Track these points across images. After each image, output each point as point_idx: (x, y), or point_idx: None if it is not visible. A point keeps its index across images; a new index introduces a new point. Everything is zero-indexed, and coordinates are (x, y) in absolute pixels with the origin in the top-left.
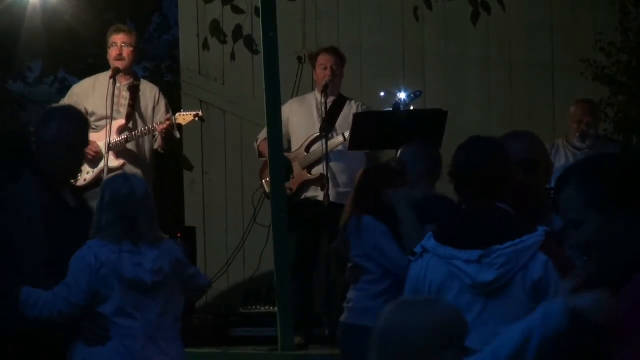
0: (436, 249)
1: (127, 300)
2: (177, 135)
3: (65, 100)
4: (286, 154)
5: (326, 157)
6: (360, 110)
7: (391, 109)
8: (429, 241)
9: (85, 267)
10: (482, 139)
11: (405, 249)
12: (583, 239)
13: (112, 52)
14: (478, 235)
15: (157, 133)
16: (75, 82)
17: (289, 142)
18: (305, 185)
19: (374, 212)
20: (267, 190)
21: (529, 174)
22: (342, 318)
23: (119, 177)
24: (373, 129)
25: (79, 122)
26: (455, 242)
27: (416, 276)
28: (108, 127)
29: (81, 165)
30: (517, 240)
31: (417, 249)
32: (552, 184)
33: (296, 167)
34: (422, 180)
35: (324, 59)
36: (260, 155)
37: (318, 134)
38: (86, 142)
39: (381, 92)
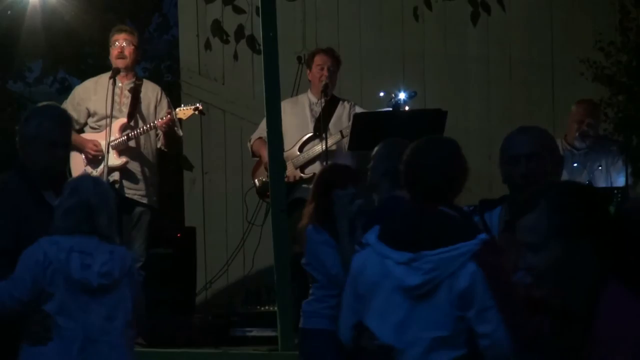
0: (375, 245)
1: (70, 300)
2: (180, 132)
3: (68, 102)
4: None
5: (326, 157)
6: (353, 110)
7: (391, 109)
8: (371, 236)
9: (32, 264)
10: (433, 141)
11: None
12: (540, 264)
13: (114, 51)
14: (412, 237)
15: (159, 131)
16: (75, 82)
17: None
18: (298, 184)
19: (321, 216)
20: (258, 185)
21: (531, 166)
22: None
23: (84, 175)
24: (373, 129)
25: (60, 119)
26: (391, 242)
27: (356, 268)
28: (108, 126)
29: (63, 163)
30: (449, 247)
31: (364, 240)
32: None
33: (289, 167)
34: (384, 180)
35: (321, 59)
36: (254, 155)
37: (312, 134)
38: (68, 140)
39: (381, 92)
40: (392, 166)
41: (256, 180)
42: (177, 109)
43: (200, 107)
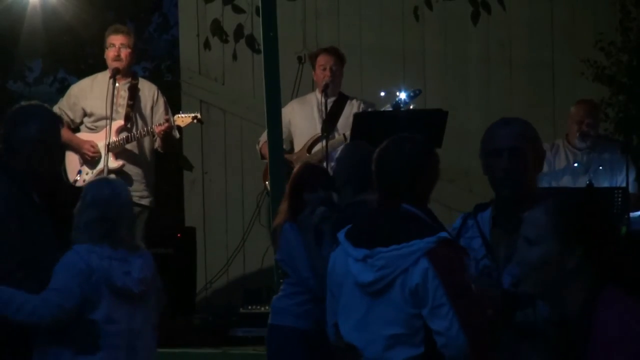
0: (342, 242)
1: (115, 308)
2: (177, 134)
3: (64, 100)
4: (289, 155)
5: (326, 157)
6: (361, 108)
7: (391, 109)
8: (340, 234)
9: (77, 273)
10: (398, 140)
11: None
12: (532, 259)
13: (110, 53)
14: (370, 234)
15: (156, 134)
16: (75, 82)
17: (292, 143)
18: None
19: (292, 218)
20: (270, 189)
21: (512, 161)
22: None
23: (102, 181)
24: (373, 129)
25: (55, 121)
26: (353, 239)
27: (329, 267)
28: (108, 127)
29: (59, 165)
30: (402, 245)
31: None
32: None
33: None
34: (348, 186)
35: (323, 60)
36: (263, 157)
37: (320, 134)
38: (60, 141)
39: (381, 92)
40: (354, 171)
41: (267, 182)
42: (176, 116)
43: (199, 116)
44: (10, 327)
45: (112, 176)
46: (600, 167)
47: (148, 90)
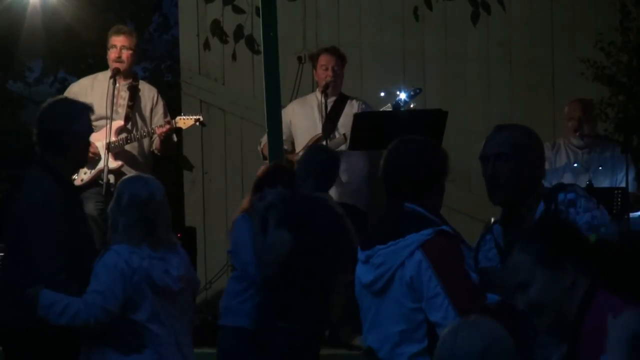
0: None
1: (158, 307)
2: (175, 138)
3: None
4: (290, 155)
5: None
6: (361, 109)
7: (391, 109)
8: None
9: (118, 274)
10: (401, 143)
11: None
12: (533, 300)
13: (111, 54)
14: (372, 236)
15: (155, 136)
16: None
17: (293, 143)
18: None
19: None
20: None
21: (497, 167)
22: None
23: (138, 180)
24: (373, 129)
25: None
26: (362, 243)
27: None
28: (108, 127)
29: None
30: (398, 240)
31: None
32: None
33: None
34: (306, 184)
35: (324, 59)
36: (265, 158)
37: (321, 134)
38: None
39: (381, 92)
40: (313, 170)
41: None
42: (178, 118)
43: (202, 119)
44: (57, 330)
45: (134, 172)
46: (600, 167)
47: (148, 92)
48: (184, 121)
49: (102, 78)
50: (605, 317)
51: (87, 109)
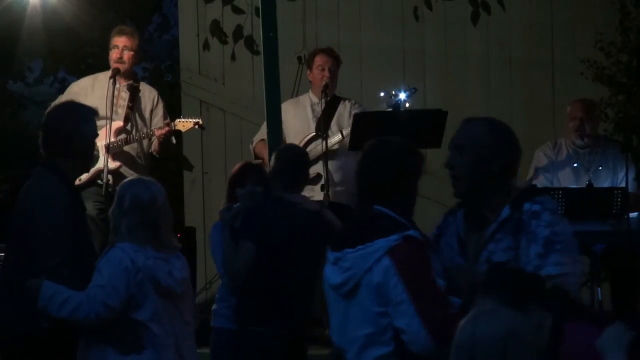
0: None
1: (160, 307)
2: (174, 141)
3: (63, 98)
4: None
5: (325, 157)
6: (354, 109)
7: (391, 109)
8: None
9: (122, 271)
10: (378, 143)
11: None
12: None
13: (113, 55)
14: (342, 238)
15: (154, 137)
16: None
17: (284, 143)
18: None
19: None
20: None
21: (453, 158)
22: None
23: (139, 183)
24: (373, 129)
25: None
26: (332, 244)
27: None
28: (108, 127)
29: None
30: (366, 244)
31: None
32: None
33: None
34: (276, 181)
35: (321, 60)
36: (256, 157)
37: (314, 134)
38: None
39: (381, 92)
40: (279, 170)
41: None
42: (177, 120)
43: (201, 122)
44: (54, 332)
45: (132, 173)
46: (600, 167)
47: (148, 94)
48: (183, 124)
49: (102, 78)
50: (583, 342)
51: (94, 113)
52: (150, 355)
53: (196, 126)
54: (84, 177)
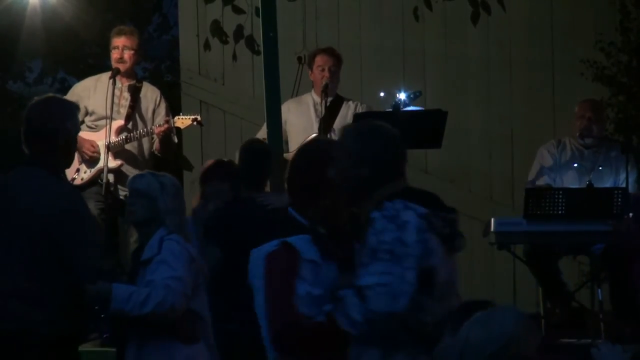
0: None
1: (204, 297)
2: (175, 139)
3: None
4: (284, 155)
5: None
6: (358, 110)
7: (391, 109)
8: None
9: (187, 261)
10: (308, 143)
11: None
12: None
13: (114, 55)
14: (258, 239)
15: (155, 135)
16: (74, 82)
17: (287, 143)
18: None
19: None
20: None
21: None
22: None
23: (170, 176)
24: None
25: None
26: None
27: None
28: (108, 127)
29: None
30: (258, 248)
31: None
32: None
33: None
34: (244, 180)
35: (321, 60)
36: None
37: (316, 134)
38: None
39: (381, 92)
40: (242, 169)
41: None
42: (176, 117)
43: (199, 119)
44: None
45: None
46: (600, 167)
47: (151, 94)
48: (182, 121)
49: (105, 79)
50: None
51: (77, 107)
52: (204, 344)
53: (195, 123)
54: (86, 176)
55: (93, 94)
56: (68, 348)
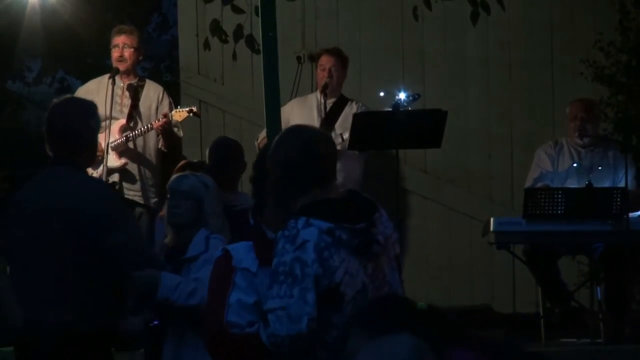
0: None
1: None
2: (180, 133)
3: None
4: None
5: None
6: (361, 111)
7: (391, 109)
8: None
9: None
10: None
11: None
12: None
13: (114, 54)
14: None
15: (157, 131)
16: (74, 82)
17: None
18: None
19: None
20: None
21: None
22: None
23: (208, 179)
24: (373, 129)
25: None
26: None
27: None
28: (110, 126)
29: None
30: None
31: None
32: None
33: None
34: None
35: (323, 60)
36: None
37: None
38: None
39: (381, 92)
40: (211, 169)
41: None
42: (173, 111)
43: (195, 109)
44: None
45: (115, 175)
46: (600, 167)
47: (154, 91)
48: (179, 113)
49: (106, 80)
50: None
51: (96, 106)
52: None
53: (191, 114)
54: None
55: (96, 96)
56: (105, 345)
